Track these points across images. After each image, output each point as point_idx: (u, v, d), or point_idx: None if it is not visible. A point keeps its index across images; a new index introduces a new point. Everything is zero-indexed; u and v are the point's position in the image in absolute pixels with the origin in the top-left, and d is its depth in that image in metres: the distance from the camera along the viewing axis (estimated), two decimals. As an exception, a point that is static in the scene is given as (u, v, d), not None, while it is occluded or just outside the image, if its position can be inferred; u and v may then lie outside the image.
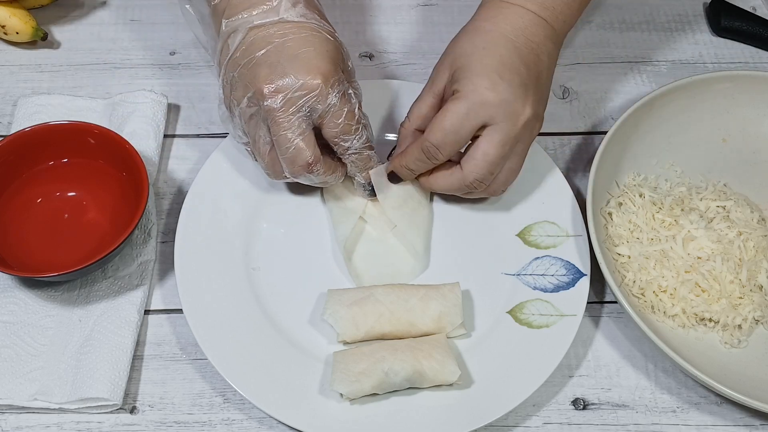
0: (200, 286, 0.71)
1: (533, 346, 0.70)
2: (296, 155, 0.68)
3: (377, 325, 0.69)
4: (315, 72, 0.66)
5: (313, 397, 0.67)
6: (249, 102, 0.68)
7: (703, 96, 0.81)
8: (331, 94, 0.67)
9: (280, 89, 0.66)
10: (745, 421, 0.70)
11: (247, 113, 0.69)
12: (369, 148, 0.71)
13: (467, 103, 0.67)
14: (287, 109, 0.66)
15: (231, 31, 0.68)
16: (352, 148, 0.70)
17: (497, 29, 0.69)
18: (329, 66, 0.67)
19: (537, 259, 0.75)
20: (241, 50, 0.68)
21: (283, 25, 0.67)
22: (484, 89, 0.67)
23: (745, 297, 0.71)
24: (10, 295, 0.72)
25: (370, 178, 0.74)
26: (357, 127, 0.69)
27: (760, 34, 0.91)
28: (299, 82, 0.66)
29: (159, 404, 0.69)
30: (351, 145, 0.70)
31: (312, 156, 0.68)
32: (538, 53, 0.69)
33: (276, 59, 0.66)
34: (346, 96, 0.68)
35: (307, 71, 0.66)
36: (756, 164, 0.82)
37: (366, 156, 0.72)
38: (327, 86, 0.66)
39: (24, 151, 0.75)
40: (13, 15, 0.86)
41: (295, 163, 0.68)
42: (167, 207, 0.79)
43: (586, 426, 0.69)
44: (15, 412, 0.68)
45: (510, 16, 0.70)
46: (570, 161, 0.83)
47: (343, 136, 0.69)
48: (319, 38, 0.68)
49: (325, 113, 0.67)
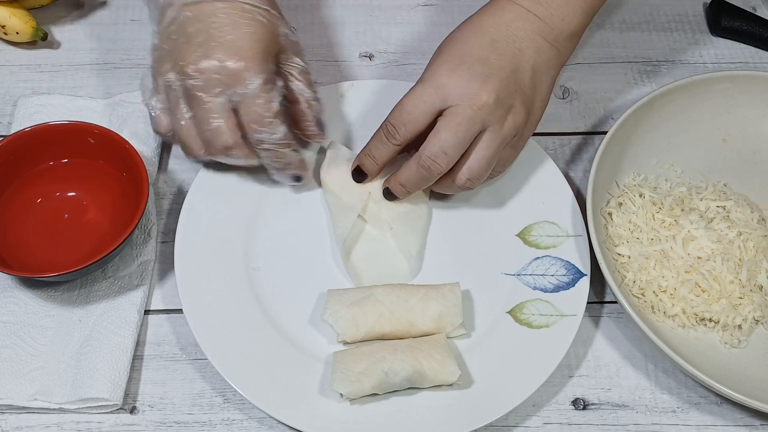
0: (200, 286, 0.71)
1: (533, 346, 0.70)
2: (215, 136, 0.68)
3: (377, 325, 0.69)
4: (236, 56, 0.66)
5: (313, 397, 0.67)
6: (174, 77, 0.68)
7: (703, 96, 0.81)
8: (250, 81, 0.66)
9: (202, 70, 0.66)
10: (745, 421, 0.70)
11: (170, 87, 0.69)
12: (286, 145, 0.70)
13: (424, 85, 0.68)
14: (207, 89, 0.67)
15: (167, 5, 0.69)
16: (265, 141, 0.69)
17: (477, 22, 0.70)
18: (254, 50, 0.67)
19: (537, 259, 0.75)
20: (175, 25, 0.68)
21: (215, 5, 0.67)
22: (442, 74, 0.67)
23: (745, 297, 0.71)
24: (10, 295, 0.72)
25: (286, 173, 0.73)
26: (271, 120, 0.68)
27: (760, 34, 0.91)
28: (221, 65, 0.66)
29: (159, 404, 0.69)
30: (264, 138, 0.69)
31: (231, 139, 0.68)
32: (521, 48, 0.69)
33: (204, 39, 0.67)
34: (268, 84, 0.67)
35: (228, 54, 0.66)
36: (756, 164, 0.82)
37: (281, 154, 0.71)
38: (248, 71, 0.66)
39: (24, 151, 0.75)
40: (13, 15, 0.86)
41: (213, 144, 0.69)
42: (167, 207, 0.79)
43: (586, 426, 0.69)
44: (15, 412, 0.68)
45: (495, 11, 0.70)
46: (570, 161, 0.83)
47: (254, 125, 0.68)
48: (250, 21, 0.68)
49: (241, 99, 0.67)
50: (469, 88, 0.67)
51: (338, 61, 0.89)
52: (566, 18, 0.71)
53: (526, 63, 0.69)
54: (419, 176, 0.70)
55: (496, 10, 0.70)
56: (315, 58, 0.89)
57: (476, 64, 0.67)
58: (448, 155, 0.68)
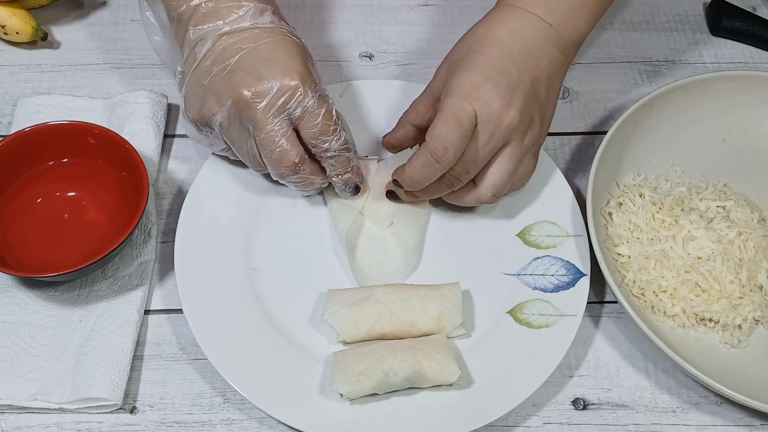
0: (200, 286, 0.71)
1: (533, 346, 0.70)
2: (282, 156, 0.68)
3: (377, 325, 0.69)
4: (292, 74, 0.66)
5: (313, 397, 0.67)
6: (228, 110, 0.68)
7: (703, 96, 0.81)
8: (309, 95, 0.67)
9: (260, 93, 0.66)
10: (745, 421, 0.70)
11: (227, 122, 0.69)
12: (347, 150, 0.71)
13: (455, 99, 0.67)
14: (268, 111, 0.66)
15: (198, 40, 0.68)
16: (330, 149, 0.70)
17: (492, 33, 0.69)
18: (304, 68, 0.67)
19: (537, 259, 0.75)
20: (211, 58, 0.68)
21: (253, 31, 0.68)
22: (469, 88, 0.67)
23: (745, 297, 0.71)
24: (10, 295, 0.72)
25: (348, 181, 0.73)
26: (335, 127, 0.69)
27: (760, 34, 0.91)
28: (278, 85, 0.66)
29: (159, 404, 0.69)
30: (330, 146, 0.69)
31: (297, 156, 0.68)
32: (536, 58, 0.69)
33: (251, 64, 0.67)
34: (323, 97, 0.68)
35: (284, 73, 0.66)
36: (756, 164, 0.82)
37: (345, 158, 0.71)
38: (305, 87, 0.67)
39: (24, 151, 0.75)
40: (13, 15, 0.86)
41: (281, 164, 0.69)
42: (167, 207, 0.79)
43: (586, 426, 0.69)
44: (15, 412, 0.68)
45: (509, 20, 0.70)
46: (570, 161, 0.83)
47: (322, 137, 0.69)
48: (290, 42, 0.68)
49: (303, 114, 0.67)
50: (496, 106, 0.66)
51: (338, 61, 0.89)
52: (576, 26, 0.71)
53: (541, 74, 0.69)
54: (439, 190, 0.72)
55: (508, 18, 0.70)
56: (315, 58, 0.89)
57: (500, 78, 0.67)
58: (470, 173, 0.69)
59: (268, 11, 0.69)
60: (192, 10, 0.69)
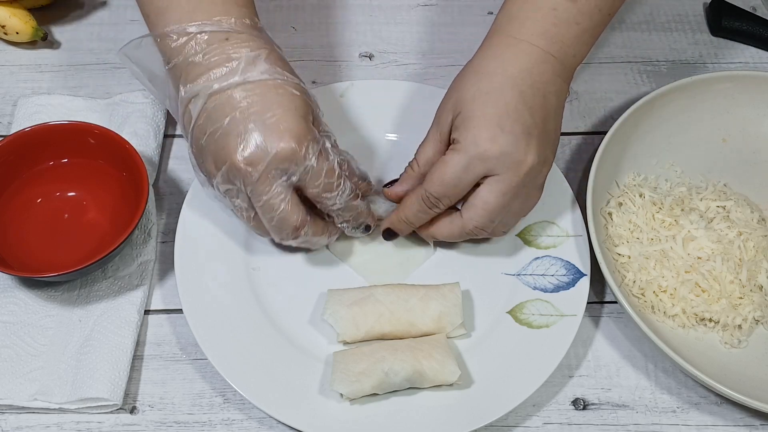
0: (200, 286, 0.71)
1: (533, 346, 0.70)
2: (282, 222, 0.66)
3: (377, 325, 0.69)
4: (287, 136, 0.63)
5: (313, 397, 0.67)
6: (223, 176, 0.65)
7: (703, 96, 0.81)
8: (308, 156, 0.64)
9: (254, 161, 0.63)
10: (745, 421, 0.70)
11: (224, 187, 0.66)
12: (354, 198, 0.69)
13: (466, 157, 0.65)
14: (265, 178, 0.63)
15: (191, 97, 0.65)
16: (337, 203, 0.67)
17: (502, 72, 0.67)
18: (301, 125, 0.64)
19: (537, 259, 0.75)
20: (204, 117, 0.64)
21: (245, 86, 0.64)
22: (484, 141, 0.65)
23: (745, 297, 0.71)
24: (10, 295, 0.72)
25: (359, 225, 0.71)
26: (338, 182, 0.66)
27: (760, 34, 0.91)
28: (273, 151, 0.63)
29: (159, 404, 0.69)
30: (336, 201, 0.67)
31: (298, 220, 0.66)
32: (545, 94, 0.67)
33: (244, 127, 0.63)
34: (323, 153, 0.65)
35: (278, 137, 0.63)
36: (756, 164, 0.82)
37: (352, 207, 0.69)
38: (302, 149, 0.63)
39: (24, 151, 0.75)
40: (13, 15, 0.86)
41: (282, 229, 0.67)
42: (167, 207, 0.79)
43: (586, 426, 0.69)
44: (15, 412, 0.68)
45: (517, 56, 0.67)
46: (570, 161, 0.83)
47: (326, 194, 0.66)
48: (285, 96, 0.64)
49: (304, 175, 0.65)
50: (514, 156, 0.65)
51: (338, 61, 0.89)
52: (577, 54, 0.70)
53: (551, 109, 0.68)
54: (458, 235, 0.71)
55: (516, 54, 0.67)
56: (315, 58, 0.89)
57: (515, 126, 0.65)
58: (494, 222, 0.69)
59: (261, 58, 0.65)
60: (182, 66, 0.65)
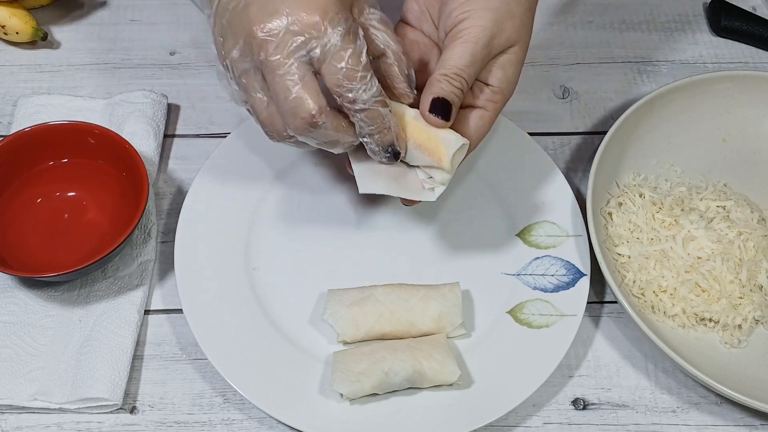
0: (200, 286, 0.71)
1: (533, 346, 0.70)
2: (297, 106, 0.58)
3: (377, 325, 0.69)
4: (311, 6, 0.57)
5: (313, 397, 0.67)
6: (240, 51, 0.59)
7: (703, 96, 0.81)
8: (331, 32, 0.57)
9: (273, 31, 0.57)
10: (745, 421, 0.70)
11: (240, 65, 0.60)
12: (381, 104, 0.59)
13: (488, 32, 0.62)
14: (281, 51, 0.57)
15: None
16: (359, 100, 0.58)
17: None
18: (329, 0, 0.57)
19: (537, 259, 0.75)
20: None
21: None
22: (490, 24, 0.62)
23: (745, 297, 0.71)
24: (10, 295, 0.72)
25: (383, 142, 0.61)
26: (364, 74, 0.58)
27: (760, 34, 0.91)
28: (294, 19, 0.57)
29: (159, 404, 0.69)
30: (356, 96, 0.58)
31: (315, 106, 0.58)
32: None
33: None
34: (351, 35, 0.58)
35: (301, 6, 0.57)
36: (756, 164, 0.82)
37: (377, 114, 0.59)
38: (325, 22, 0.57)
39: (24, 151, 0.75)
40: (13, 15, 0.86)
41: (296, 115, 0.58)
42: (167, 207, 0.79)
43: (586, 426, 0.69)
44: (15, 412, 0.68)
45: None
46: (570, 161, 0.83)
47: (347, 83, 0.58)
48: None
49: (324, 56, 0.57)
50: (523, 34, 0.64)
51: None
52: None
53: None
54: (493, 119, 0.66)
55: None
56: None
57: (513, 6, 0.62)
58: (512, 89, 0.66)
59: None
60: None
